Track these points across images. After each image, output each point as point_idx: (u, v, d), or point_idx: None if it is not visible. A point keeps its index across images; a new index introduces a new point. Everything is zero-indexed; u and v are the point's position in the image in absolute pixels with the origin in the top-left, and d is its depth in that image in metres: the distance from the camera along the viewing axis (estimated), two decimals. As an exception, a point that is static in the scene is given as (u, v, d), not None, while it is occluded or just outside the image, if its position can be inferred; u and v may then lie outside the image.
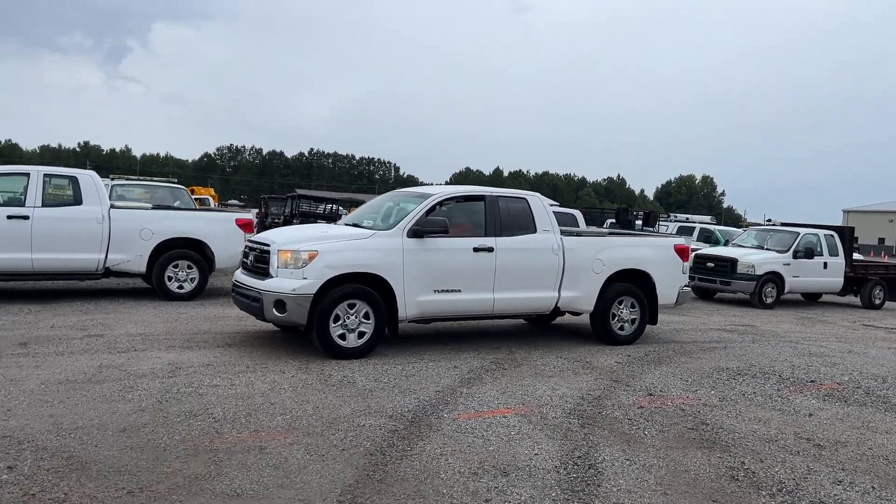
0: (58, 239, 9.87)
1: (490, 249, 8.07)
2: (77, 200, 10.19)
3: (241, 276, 7.95)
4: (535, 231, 8.47)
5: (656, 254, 9.30)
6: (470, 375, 7.05)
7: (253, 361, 7.05)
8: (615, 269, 8.88)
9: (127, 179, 17.97)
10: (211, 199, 32.23)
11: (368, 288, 7.41)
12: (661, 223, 20.43)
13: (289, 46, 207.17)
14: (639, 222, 16.07)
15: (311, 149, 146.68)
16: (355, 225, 8.31)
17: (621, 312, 9.10)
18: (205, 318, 9.36)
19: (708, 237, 21.58)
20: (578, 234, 9.36)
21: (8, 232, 9.58)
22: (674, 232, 20.43)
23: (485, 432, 5.29)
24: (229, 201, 56.60)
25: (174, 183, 18.72)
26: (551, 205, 11.12)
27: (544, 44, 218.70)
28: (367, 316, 7.42)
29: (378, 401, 5.94)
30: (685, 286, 9.65)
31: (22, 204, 9.80)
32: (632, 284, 9.10)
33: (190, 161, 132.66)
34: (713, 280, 16.19)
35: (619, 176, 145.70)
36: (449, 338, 9.08)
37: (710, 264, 16.30)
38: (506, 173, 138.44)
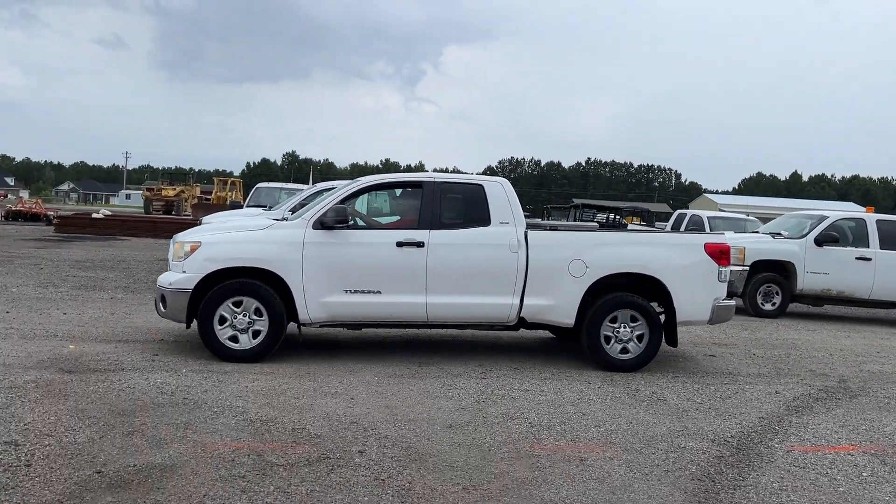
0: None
1: (419, 244, 6.80)
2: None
3: None
4: (488, 223, 6.98)
5: (673, 255, 7.12)
6: (796, 403, 6.31)
7: (557, 369, 7.07)
8: (604, 273, 6.98)
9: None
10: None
11: (264, 285, 6.61)
12: None
13: (567, 59, 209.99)
14: None
15: (588, 158, 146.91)
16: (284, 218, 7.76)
17: (619, 330, 7.07)
18: (505, 324, 9.67)
19: None
20: (553, 229, 7.50)
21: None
22: None
23: (829, 470, 4.65)
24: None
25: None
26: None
27: (852, 33, 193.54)
28: (260, 315, 6.62)
29: (695, 422, 5.56)
30: (725, 298, 7.29)
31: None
32: (635, 294, 7.11)
33: (475, 173, 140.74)
34: None
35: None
36: (762, 360, 8.28)
37: None
38: (805, 178, 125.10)
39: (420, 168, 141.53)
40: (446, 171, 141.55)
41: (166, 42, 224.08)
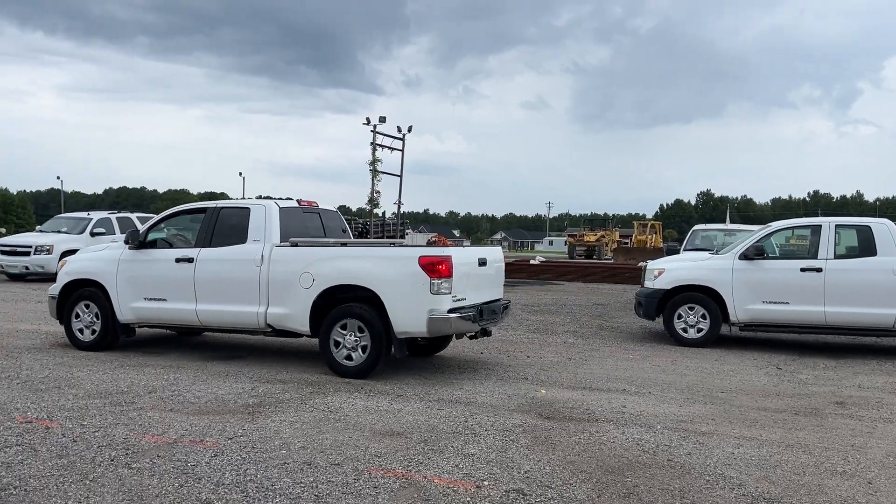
0: (851, 292, 9.41)
1: (190, 260, 8.17)
2: (870, 251, 9.55)
3: None
4: (244, 241, 8.02)
5: (387, 268, 7.34)
6: None
7: None
8: (327, 285, 7.49)
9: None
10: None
11: (98, 292, 8.62)
12: None
13: None
14: None
15: None
16: None
17: (346, 337, 7.45)
18: None
19: None
20: (296, 245, 8.00)
21: (804, 284, 9.60)
22: None
23: None
24: None
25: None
26: None
27: None
28: (98, 316, 8.67)
29: None
30: (449, 311, 7.15)
31: (815, 256, 9.73)
32: (361, 305, 7.42)
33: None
34: None
35: None
36: None
37: None
38: None
39: (859, 197, 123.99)
40: (889, 199, 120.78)
41: (583, 97, 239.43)
